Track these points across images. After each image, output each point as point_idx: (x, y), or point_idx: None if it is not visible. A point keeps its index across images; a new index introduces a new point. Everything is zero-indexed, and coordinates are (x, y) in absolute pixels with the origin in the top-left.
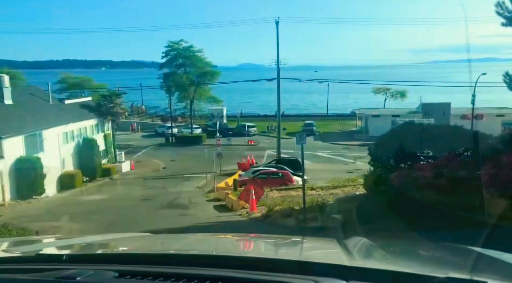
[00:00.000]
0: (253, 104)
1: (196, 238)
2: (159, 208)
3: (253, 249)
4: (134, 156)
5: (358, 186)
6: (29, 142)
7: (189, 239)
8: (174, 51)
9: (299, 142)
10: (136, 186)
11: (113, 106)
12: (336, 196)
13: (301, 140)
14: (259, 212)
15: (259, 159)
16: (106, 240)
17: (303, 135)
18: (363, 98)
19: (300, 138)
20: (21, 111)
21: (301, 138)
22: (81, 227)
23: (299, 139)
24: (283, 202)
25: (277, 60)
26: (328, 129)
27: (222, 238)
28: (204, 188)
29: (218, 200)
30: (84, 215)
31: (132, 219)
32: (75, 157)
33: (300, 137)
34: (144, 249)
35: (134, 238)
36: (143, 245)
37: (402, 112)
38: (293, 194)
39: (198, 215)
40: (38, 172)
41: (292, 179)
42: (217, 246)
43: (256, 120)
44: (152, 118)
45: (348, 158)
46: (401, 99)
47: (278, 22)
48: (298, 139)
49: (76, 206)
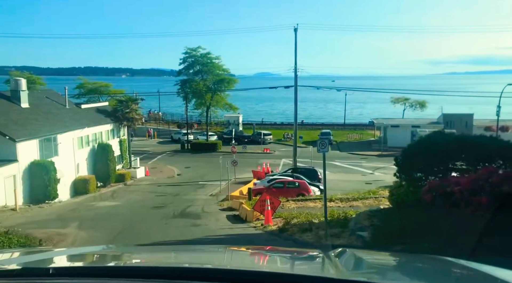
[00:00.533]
0: (269, 112)
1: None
2: (171, 217)
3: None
4: (149, 162)
5: (380, 198)
6: (43, 146)
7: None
8: (191, 58)
9: (321, 150)
10: (150, 192)
11: (129, 111)
12: (356, 209)
13: (323, 148)
14: (275, 225)
15: (274, 168)
16: (101, 252)
17: (325, 142)
18: (380, 108)
19: (322, 145)
20: (37, 114)
21: (323, 145)
22: (86, 236)
23: (321, 147)
24: (301, 214)
25: (295, 66)
26: (346, 138)
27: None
28: (218, 196)
29: (232, 210)
30: (93, 222)
31: (142, 228)
32: (90, 162)
33: (322, 145)
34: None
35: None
36: (137, 258)
37: (422, 122)
38: (311, 205)
39: (210, 226)
40: (52, 176)
41: (309, 189)
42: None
43: (272, 128)
44: (168, 124)
45: (366, 168)
46: (421, 109)
47: (296, 29)
48: (320, 147)
49: (87, 212)
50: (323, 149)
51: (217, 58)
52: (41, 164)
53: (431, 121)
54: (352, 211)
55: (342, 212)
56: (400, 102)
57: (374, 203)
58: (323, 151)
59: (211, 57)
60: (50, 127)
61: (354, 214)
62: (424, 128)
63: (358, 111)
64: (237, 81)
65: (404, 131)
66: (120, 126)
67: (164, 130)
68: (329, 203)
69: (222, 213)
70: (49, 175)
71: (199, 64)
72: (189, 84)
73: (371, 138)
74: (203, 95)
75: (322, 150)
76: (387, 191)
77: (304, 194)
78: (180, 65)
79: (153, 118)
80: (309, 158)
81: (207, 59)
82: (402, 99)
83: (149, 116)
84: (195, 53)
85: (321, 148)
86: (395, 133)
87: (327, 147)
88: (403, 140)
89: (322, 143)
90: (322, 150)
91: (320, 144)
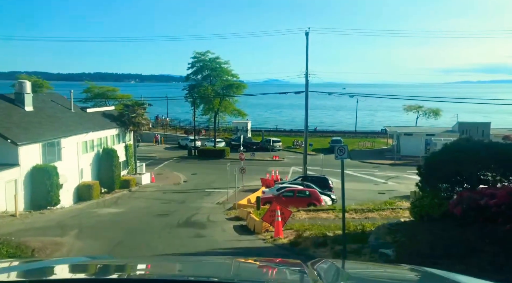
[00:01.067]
0: (278, 119)
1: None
2: (175, 226)
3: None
4: (155, 168)
5: (397, 210)
6: (46, 150)
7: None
8: (200, 62)
9: (339, 157)
10: (155, 199)
11: (136, 116)
12: (373, 221)
13: (341, 154)
14: (285, 237)
15: (283, 176)
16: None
17: (343, 148)
18: (392, 116)
19: (340, 152)
20: (41, 118)
21: (341, 152)
22: (83, 246)
23: (339, 153)
24: (313, 226)
25: (306, 70)
26: (357, 146)
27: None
28: (225, 204)
29: (239, 219)
30: (93, 231)
31: (142, 238)
32: (94, 167)
33: (340, 151)
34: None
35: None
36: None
37: (437, 131)
38: (323, 216)
39: (215, 237)
40: (54, 181)
41: (320, 199)
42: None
43: (282, 135)
44: (175, 130)
45: (379, 177)
46: (434, 118)
47: (308, 33)
48: (338, 153)
49: (89, 219)
50: (341, 155)
51: (226, 63)
52: (43, 168)
53: (445, 129)
54: (369, 223)
55: (358, 225)
56: (413, 110)
57: (391, 215)
58: (341, 158)
59: (220, 62)
60: (54, 131)
61: (372, 227)
62: (439, 136)
63: (369, 118)
64: (246, 86)
65: (418, 139)
66: (126, 131)
67: (171, 136)
68: None
69: (229, 223)
70: (52, 180)
71: (208, 69)
72: (197, 89)
73: (384, 146)
74: (211, 101)
75: (340, 156)
76: (404, 202)
77: (315, 204)
78: (188, 69)
79: (160, 124)
80: (320, 166)
81: (215, 64)
82: (416, 107)
83: (156, 122)
84: (204, 58)
85: (339, 154)
86: (409, 142)
87: (346, 153)
88: (417, 148)
89: (341, 149)
90: (340, 156)
91: (338, 150)
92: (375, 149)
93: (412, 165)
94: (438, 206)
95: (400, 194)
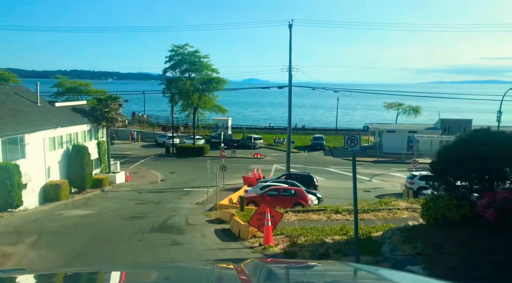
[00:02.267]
0: (257, 117)
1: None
2: (148, 231)
3: None
4: (130, 167)
5: (394, 210)
6: (7, 147)
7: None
8: (178, 56)
9: (350, 149)
10: (129, 200)
11: (109, 110)
12: (370, 223)
13: (352, 145)
14: (276, 245)
15: (266, 174)
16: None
17: (355, 138)
18: (370, 115)
19: (351, 142)
20: (1, 111)
21: (352, 142)
22: (36, 257)
23: (349, 144)
24: (307, 231)
25: (289, 64)
26: (339, 143)
27: None
28: (205, 204)
29: (221, 222)
30: (53, 237)
31: (108, 248)
32: (63, 165)
33: (351, 142)
34: None
35: None
36: None
37: (419, 128)
38: (314, 217)
39: (194, 245)
40: (15, 181)
41: (307, 198)
42: None
43: (262, 133)
44: (153, 127)
45: (363, 175)
46: (415, 115)
47: (291, 25)
48: (348, 144)
49: (52, 223)
50: (353, 147)
51: (205, 57)
52: (2, 167)
53: (427, 126)
54: (372, 227)
55: (362, 229)
56: (393, 108)
57: (389, 216)
58: (352, 150)
59: (199, 56)
60: (17, 126)
61: (376, 231)
62: (421, 133)
63: (348, 117)
64: (226, 81)
65: (401, 136)
66: (98, 127)
67: (149, 133)
68: (336, 215)
69: (210, 226)
70: (12, 179)
71: (187, 63)
72: (175, 83)
73: (365, 143)
74: (190, 96)
75: (351, 148)
76: (400, 201)
77: (302, 203)
78: (165, 63)
79: (137, 121)
80: (302, 164)
81: (195, 58)
82: (396, 104)
83: (133, 119)
84: (182, 51)
85: (349, 145)
86: (391, 139)
87: (358, 144)
88: (399, 145)
89: (352, 139)
90: (351, 148)
91: (349, 141)
92: None
93: (395, 163)
94: (457, 208)
95: (387, 192)
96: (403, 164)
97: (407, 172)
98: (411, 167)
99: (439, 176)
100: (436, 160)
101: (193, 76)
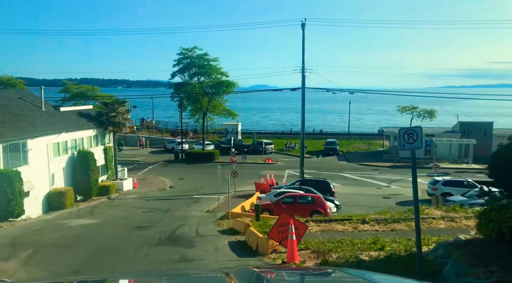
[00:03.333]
0: (267, 123)
1: None
2: (155, 244)
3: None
4: (138, 173)
5: (427, 220)
6: (9, 153)
7: None
8: (187, 59)
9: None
10: (136, 208)
11: (116, 115)
12: (402, 235)
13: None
14: (303, 262)
15: (279, 179)
16: None
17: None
18: (382, 119)
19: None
20: (3, 116)
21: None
22: (26, 277)
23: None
24: (337, 245)
25: (302, 64)
26: (352, 148)
27: None
28: (216, 212)
29: (235, 233)
30: (52, 251)
31: (109, 264)
32: (68, 172)
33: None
34: None
35: None
36: None
37: (437, 131)
38: (338, 228)
39: (207, 261)
40: (17, 189)
41: (326, 205)
42: None
43: (273, 137)
44: (161, 133)
45: (380, 180)
46: (429, 119)
47: (304, 24)
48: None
49: (53, 233)
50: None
51: (214, 60)
52: (3, 174)
53: (445, 130)
54: (409, 240)
55: (398, 243)
56: (407, 111)
57: (423, 226)
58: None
59: (208, 59)
60: (19, 131)
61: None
62: (439, 137)
63: (358, 122)
64: (236, 84)
65: None
66: (105, 132)
67: (157, 139)
68: (362, 225)
69: (222, 238)
70: (13, 187)
71: (195, 66)
72: (184, 88)
73: (380, 148)
74: (200, 100)
75: (409, 145)
76: (433, 209)
77: (320, 211)
78: (174, 67)
79: (146, 127)
80: (316, 169)
81: (203, 61)
82: (410, 107)
83: (141, 125)
84: (191, 54)
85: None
86: None
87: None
88: (417, 150)
89: (410, 133)
90: (410, 145)
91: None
92: (371, 151)
93: None
94: None
95: (408, 198)
96: (421, 169)
97: (427, 177)
98: (430, 172)
99: (500, 181)
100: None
101: (202, 80)
